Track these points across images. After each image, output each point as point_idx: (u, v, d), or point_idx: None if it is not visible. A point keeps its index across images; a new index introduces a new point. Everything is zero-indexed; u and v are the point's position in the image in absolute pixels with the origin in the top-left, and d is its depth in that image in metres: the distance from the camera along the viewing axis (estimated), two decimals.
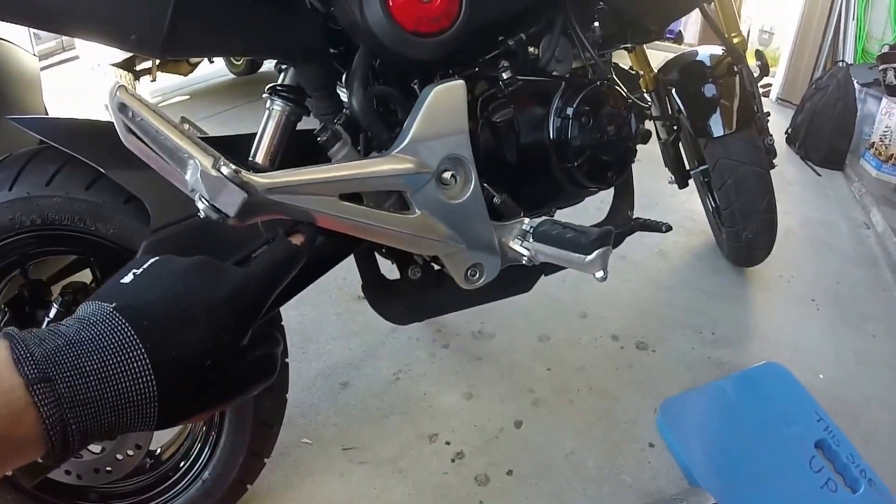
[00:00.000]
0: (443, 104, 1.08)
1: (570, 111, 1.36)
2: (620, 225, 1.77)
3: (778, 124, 4.94)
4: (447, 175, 1.11)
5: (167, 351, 0.61)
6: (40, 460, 0.57)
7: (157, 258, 0.70)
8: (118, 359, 0.58)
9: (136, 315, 0.61)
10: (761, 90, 5.58)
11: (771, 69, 5.91)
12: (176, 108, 5.53)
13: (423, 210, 1.09)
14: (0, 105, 2.15)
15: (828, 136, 4.32)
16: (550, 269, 1.55)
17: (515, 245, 1.23)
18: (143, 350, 0.59)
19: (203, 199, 0.84)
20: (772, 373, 2.12)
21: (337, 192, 0.97)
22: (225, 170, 0.83)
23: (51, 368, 0.55)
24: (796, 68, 5.67)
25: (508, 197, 1.26)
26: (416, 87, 1.25)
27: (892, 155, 3.97)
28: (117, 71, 4.78)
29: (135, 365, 0.59)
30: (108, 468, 1.34)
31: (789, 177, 4.15)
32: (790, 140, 4.69)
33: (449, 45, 1.11)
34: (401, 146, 1.06)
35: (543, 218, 1.22)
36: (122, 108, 0.81)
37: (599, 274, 1.08)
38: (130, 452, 1.35)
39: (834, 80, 4.37)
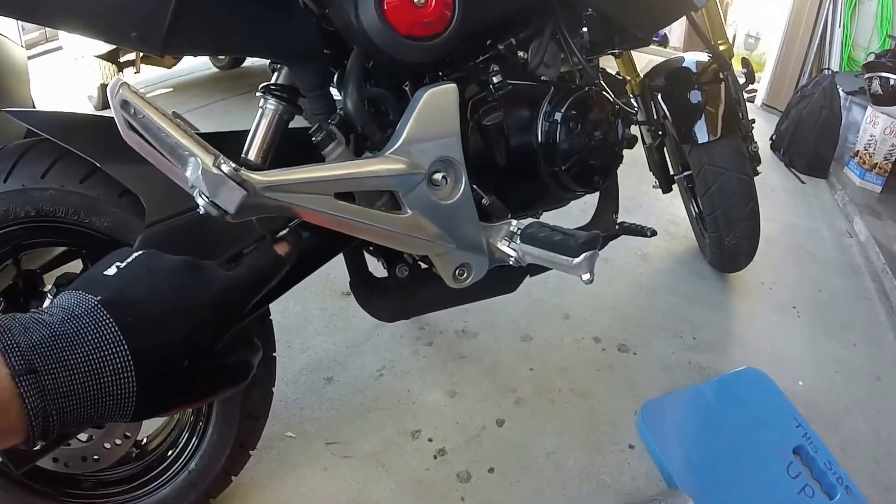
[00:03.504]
0: (435, 107, 1.10)
1: (558, 116, 1.39)
2: (605, 228, 1.79)
3: (762, 130, 4.98)
4: (438, 176, 1.12)
5: (149, 349, 0.62)
6: (19, 445, 0.58)
7: (140, 253, 0.71)
8: (101, 354, 0.59)
9: (120, 310, 0.62)
10: (746, 96, 5.60)
11: (756, 75, 5.94)
12: (159, 101, 5.48)
13: (414, 210, 1.11)
14: None
15: (812, 143, 4.36)
16: (536, 269, 1.57)
17: (503, 246, 1.25)
18: (125, 347, 0.60)
19: (203, 196, 0.85)
20: (751, 378, 2.14)
21: (332, 191, 0.98)
22: (225, 168, 0.84)
23: (36, 360, 0.56)
24: (782, 75, 5.70)
25: (497, 198, 1.28)
26: (407, 89, 1.26)
27: (877, 164, 4.01)
28: (101, 62, 4.74)
29: (117, 361, 0.60)
30: (96, 457, 1.35)
31: (773, 183, 4.19)
32: (774, 147, 4.73)
33: (442, 48, 1.13)
34: (393, 147, 1.07)
35: (531, 220, 1.24)
36: (125, 104, 0.82)
37: (586, 277, 1.10)
38: (118, 442, 1.36)
39: (819, 88, 4.40)
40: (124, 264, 0.69)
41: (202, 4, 0.98)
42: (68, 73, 5.17)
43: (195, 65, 6.37)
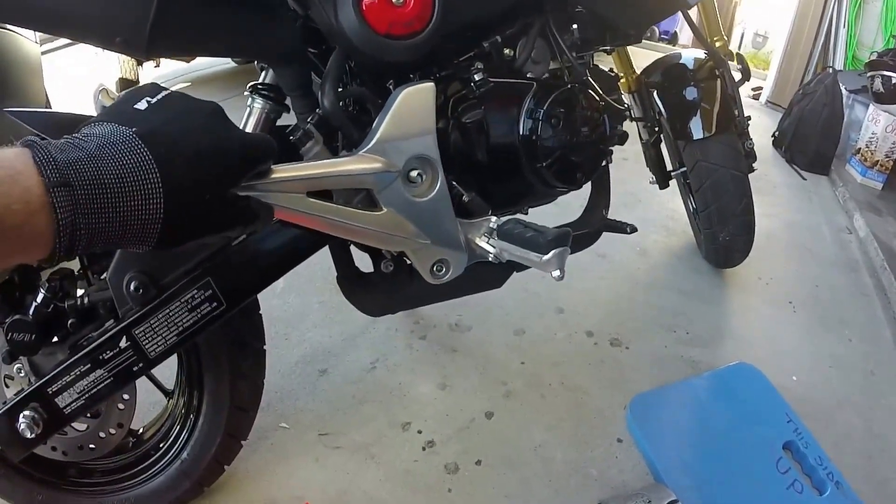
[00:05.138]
0: (411, 106, 1.11)
1: (540, 113, 1.39)
2: (595, 224, 1.80)
3: (766, 127, 4.98)
4: (414, 174, 1.13)
5: (178, 180, 0.68)
6: (40, 260, 0.62)
7: (169, 92, 0.77)
8: (135, 179, 0.64)
9: (154, 142, 0.67)
10: (752, 93, 5.58)
11: (762, 72, 5.92)
12: None
13: (389, 207, 1.12)
14: (1, 93, 2.18)
15: (814, 140, 4.35)
16: (520, 266, 1.58)
17: (482, 242, 1.25)
18: (157, 175, 0.66)
19: None
20: (743, 373, 2.15)
21: (305, 190, 1.00)
22: None
23: (72, 175, 0.60)
24: (787, 73, 5.68)
25: (477, 195, 1.28)
26: (390, 87, 1.27)
27: (878, 161, 4.00)
28: (120, 56, 4.77)
29: (149, 187, 0.65)
30: (92, 445, 1.38)
31: (775, 180, 4.19)
32: (777, 143, 4.72)
33: (422, 47, 1.14)
34: (368, 145, 1.09)
35: (509, 217, 1.26)
36: (104, 108, 0.85)
37: (556, 273, 1.11)
38: (113, 431, 1.38)
39: (822, 86, 4.39)
40: (155, 100, 0.74)
41: (183, 8, 1.01)
42: (88, 67, 5.19)
43: (214, 60, 6.38)
